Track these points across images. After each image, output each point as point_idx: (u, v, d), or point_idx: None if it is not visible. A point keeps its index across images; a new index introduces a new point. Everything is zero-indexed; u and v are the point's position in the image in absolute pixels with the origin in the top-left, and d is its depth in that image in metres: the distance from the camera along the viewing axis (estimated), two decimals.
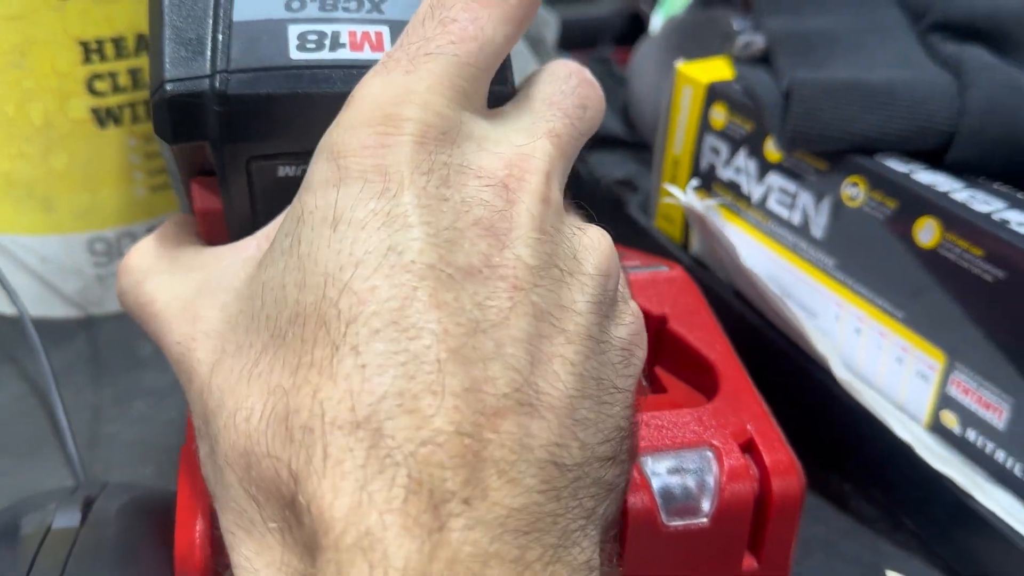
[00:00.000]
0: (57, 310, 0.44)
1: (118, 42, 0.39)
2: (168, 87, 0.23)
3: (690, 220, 0.43)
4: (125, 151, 0.41)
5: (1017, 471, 0.32)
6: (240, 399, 0.19)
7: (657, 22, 0.58)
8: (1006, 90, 0.34)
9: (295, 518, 0.18)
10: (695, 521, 0.27)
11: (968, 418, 0.33)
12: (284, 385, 0.19)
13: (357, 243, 0.19)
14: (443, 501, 0.17)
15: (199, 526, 0.25)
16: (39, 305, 0.43)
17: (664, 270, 0.35)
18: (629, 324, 0.23)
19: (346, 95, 0.22)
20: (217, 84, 0.23)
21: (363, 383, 0.18)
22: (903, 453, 0.34)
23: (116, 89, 0.40)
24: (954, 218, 0.32)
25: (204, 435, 0.21)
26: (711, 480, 0.27)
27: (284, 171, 0.24)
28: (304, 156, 0.24)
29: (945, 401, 0.34)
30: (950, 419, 0.34)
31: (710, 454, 0.27)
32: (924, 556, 0.34)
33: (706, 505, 0.27)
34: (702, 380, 0.31)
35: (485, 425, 0.18)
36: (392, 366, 0.18)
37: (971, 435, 0.33)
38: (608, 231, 0.23)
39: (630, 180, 0.49)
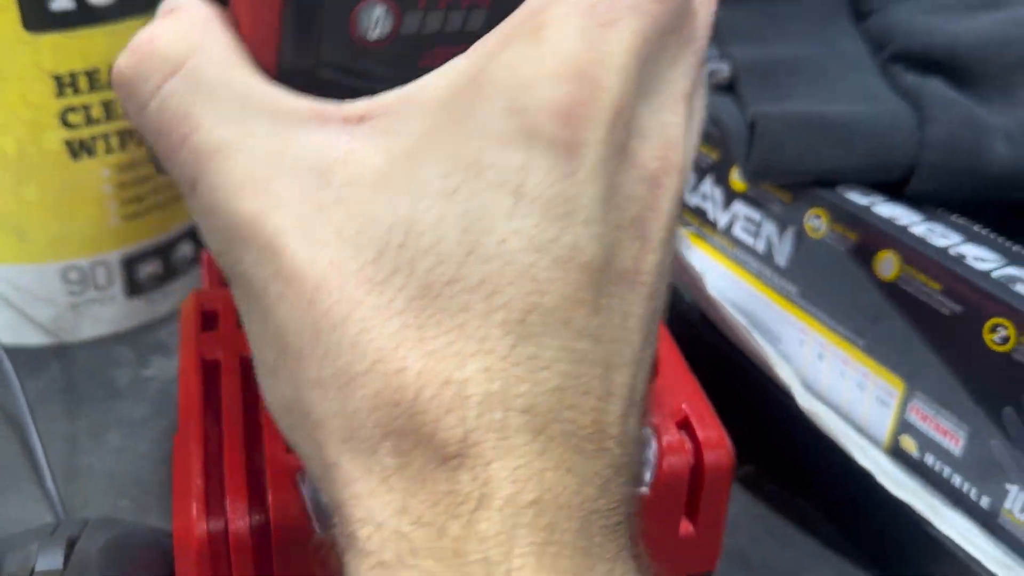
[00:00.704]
0: (30, 338, 0.44)
1: (91, 75, 0.39)
2: None
3: None
4: (99, 181, 0.41)
5: (973, 495, 0.33)
6: (387, 349, 0.19)
7: None
8: (964, 126, 0.35)
9: (444, 475, 0.19)
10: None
11: (926, 443, 0.34)
12: (444, 352, 0.19)
13: (541, 227, 0.19)
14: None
15: (194, 508, 0.27)
16: (11, 334, 0.43)
17: None
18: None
19: None
20: None
21: (534, 374, 0.19)
22: (864, 479, 0.35)
23: (90, 121, 0.40)
24: (913, 252, 0.33)
25: (311, 355, 0.19)
26: (650, 454, 0.30)
27: None
28: None
29: (904, 426, 0.35)
30: (909, 444, 0.35)
31: (648, 431, 0.31)
32: None
33: (647, 475, 0.30)
34: None
35: (621, 424, 0.21)
36: (561, 363, 0.19)
37: (929, 459, 0.34)
38: None
39: None
